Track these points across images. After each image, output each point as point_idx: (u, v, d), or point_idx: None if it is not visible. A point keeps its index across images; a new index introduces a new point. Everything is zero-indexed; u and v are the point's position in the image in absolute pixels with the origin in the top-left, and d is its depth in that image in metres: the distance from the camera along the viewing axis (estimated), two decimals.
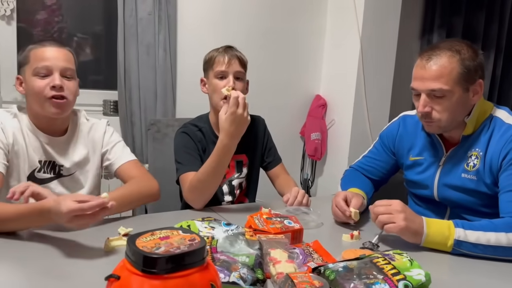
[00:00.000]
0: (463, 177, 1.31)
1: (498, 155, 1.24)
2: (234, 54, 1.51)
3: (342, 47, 2.82)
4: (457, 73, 1.22)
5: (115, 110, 2.38)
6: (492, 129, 1.28)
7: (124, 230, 1.12)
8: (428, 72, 1.23)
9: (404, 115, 1.53)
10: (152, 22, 2.31)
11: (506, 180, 1.22)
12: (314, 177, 3.04)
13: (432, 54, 1.24)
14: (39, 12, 2.34)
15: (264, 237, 1.05)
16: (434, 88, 1.23)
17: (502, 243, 1.11)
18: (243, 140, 1.59)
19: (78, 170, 1.41)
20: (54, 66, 1.27)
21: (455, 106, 1.24)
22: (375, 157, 1.56)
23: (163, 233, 0.69)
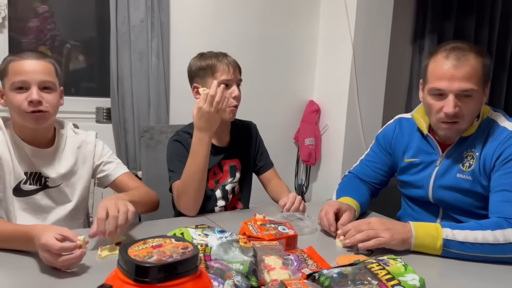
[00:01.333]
0: (459, 177, 1.32)
1: (492, 155, 1.26)
2: (234, 62, 1.51)
3: (335, 53, 2.84)
4: (482, 73, 1.25)
5: (108, 117, 2.37)
6: (488, 131, 1.30)
7: (117, 238, 1.12)
8: (459, 71, 1.23)
9: (399, 118, 1.54)
10: (145, 29, 2.31)
11: (497, 180, 1.24)
12: (309, 182, 3.04)
13: (459, 54, 1.24)
14: (31, 20, 2.34)
15: (258, 244, 1.04)
16: (466, 89, 1.23)
17: (488, 240, 1.13)
18: (236, 145, 1.60)
19: (65, 182, 1.38)
20: (31, 80, 1.23)
21: (477, 106, 1.28)
22: (373, 160, 1.56)
23: (155, 241, 0.68)
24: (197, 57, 1.55)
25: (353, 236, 1.17)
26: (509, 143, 1.24)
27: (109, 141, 2.31)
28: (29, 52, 1.28)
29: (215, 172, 1.57)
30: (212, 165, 1.55)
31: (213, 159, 1.55)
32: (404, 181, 1.48)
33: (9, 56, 1.29)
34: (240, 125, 1.66)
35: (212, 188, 1.56)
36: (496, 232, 1.13)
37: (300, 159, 2.97)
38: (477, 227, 1.16)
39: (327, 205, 1.34)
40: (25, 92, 1.24)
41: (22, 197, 1.31)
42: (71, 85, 2.49)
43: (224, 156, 1.58)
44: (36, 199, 1.33)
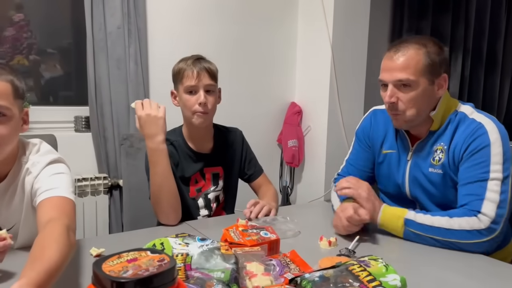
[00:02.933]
0: (430, 172, 1.34)
1: (460, 147, 1.28)
2: (203, 67, 1.46)
3: (314, 54, 2.85)
4: (423, 65, 1.27)
5: (87, 126, 2.34)
6: (457, 123, 1.31)
7: (96, 250, 1.10)
8: (396, 62, 1.28)
9: (374, 110, 1.56)
10: (122, 36, 2.28)
11: (465, 172, 1.26)
12: (293, 184, 3.04)
13: (400, 47, 1.30)
14: (6, 29, 2.29)
15: (240, 250, 1.03)
16: (401, 78, 1.27)
17: (443, 225, 1.21)
18: (219, 152, 1.58)
19: (18, 222, 1.14)
20: None
21: (420, 97, 1.28)
22: (357, 158, 1.57)
23: (130, 255, 0.67)
24: (177, 62, 1.53)
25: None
26: (478, 134, 1.25)
27: (89, 150, 2.29)
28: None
29: (196, 180, 1.55)
30: (193, 173, 1.53)
31: (194, 166, 1.53)
32: (382, 176, 1.49)
33: None
34: (224, 131, 1.64)
35: (194, 197, 1.54)
36: (454, 219, 1.21)
37: (284, 161, 2.97)
38: (441, 214, 1.25)
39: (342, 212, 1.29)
40: None
41: None
42: (48, 94, 2.44)
43: (206, 164, 1.55)
44: None
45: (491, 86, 3.78)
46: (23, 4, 2.32)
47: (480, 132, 1.25)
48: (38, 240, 0.90)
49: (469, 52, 3.56)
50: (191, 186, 1.54)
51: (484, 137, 1.24)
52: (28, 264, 0.82)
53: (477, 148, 1.24)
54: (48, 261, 0.82)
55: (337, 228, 1.32)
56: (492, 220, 1.18)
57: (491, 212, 1.19)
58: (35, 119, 1.36)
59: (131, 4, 2.28)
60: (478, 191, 1.22)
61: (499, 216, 1.18)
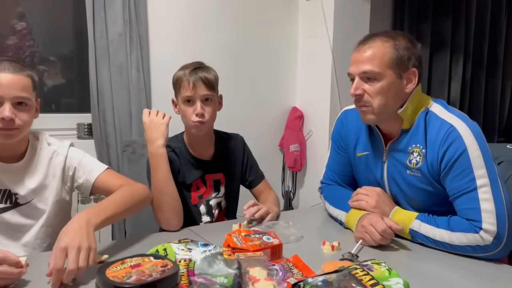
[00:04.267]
0: (409, 174, 1.30)
1: (436, 157, 1.23)
2: (199, 77, 1.44)
3: (315, 59, 2.86)
4: (390, 57, 1.25)
5: (89, 133, 2.35)
6: (427, 123, 1.27)
7: (99, 257, 1.10)
8: (362, 55, 1.27)
9: (345, 110, 1.52)
10: (124, 43, 2.29)
11: (451, 184, 1.22)
12: (295, 189, 3.04)
13: (368, 40, 1.29)
14: (9, 37, 2.31)
15: (243, 256, 1.04)
16: (365, 70, 1.25)
17: (445, 240, 1.21)
18: (220, 159, 1.59)
19: (36, 197, 1.32)
20: (5, 96, 1.19)
21: (386, 90, 1.25)
22: (335, 162, 1.54)
23: (134, 261, 0.68)
24: (177, 70, 1.53)
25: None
26: (451, 140, 1.20)
27: None
28: (6, 62, 1.22)
29: (198, 187, 1.55)
30: (194, 179, 1.53)
31: (195, 172, 1.53)
32: (361, 179, 1.47)
33: None
34: (226, 138, 1.64)
35: (196, 204, 1.54)
36: (455, 234, 1.19)
37: (286, 166, 2.97)
38: (444, 225, 1.22)
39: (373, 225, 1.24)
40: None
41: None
42: (51, 102, 2.46)
43: (207, 170, 1.56)
44: (5, 218, 1.28)
45: (492, 89, 3.78)
46: (26, 13, 2.34)
47: (453, 137, 1.20)
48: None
49: (470, 55, 3.56)
50: (192, 193, 1.54)
51: (458, 142, 1.19)
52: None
53: (454, 157, 1.19)
54: (119, 196, 1.24)
55: (364, 240, 1.25)
56: (494, 235, 1.14)
57: (492, 227, 1.14)
58: (38, 127, 1.37)
59: (132, 11, 2.30)
60: (471, 203, 1.17)
61: (501, 227, 1.14)
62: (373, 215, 1.27)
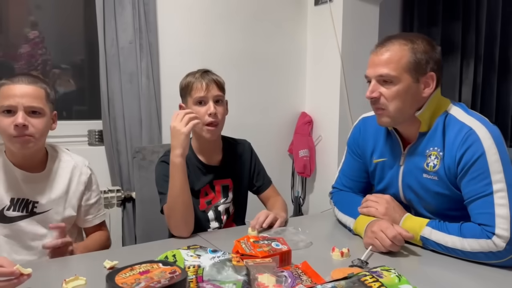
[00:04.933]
0: (425, 177, 1.29)
1: (454, 160, 1.22)
2: (211, 79, 1.49)
3: (324, 64, 2.86)
4: (407, 61, 1.23)
5: (100, 139, 2.37)
6: (446, 127, 1.25)
7: (109, 263, 1.10)
8: (379, 58, 1.26)
9: (363, 118, 1.53)
10: (134, 51, 2.32)
11: (466, 187, 1.20)
12: (305, 194, 3.03)
13: (386, 42, 1.27)
14: (22, 46, 2.35)
15: (252, 262, 1.04)
16: (382, 73, 1.25)
17: (457, 246, 1.18)
18: (228, 165, 1.59)
19: (54, 208, 1.38)
20: (18, 105, 1.25)
21: (403, 94, 1.24)
22: (349, 169, 1.54)
23: (142, 267, 0.68)
24: (184, 77, 1.56)
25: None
26: (469, 142, 1.18)
27: (102, 164, 2.32)
28: (22, 76, 1.30)
29: (206, 193, 1.55)
30: (203, 185, 1.54)
31: (203, 178, 1.54)
32: (376, 184, 1.46)
33: (3, 80, 1.30)
34: (233, 143, 1.65)
35: (204, 210, 1.55)
36: (467, 240, 1.17)
37: (295, 171, 2.97)
38: (455, 231, 1.20)
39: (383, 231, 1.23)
40: (12, 116, 1.25)
41: (5, 223, 1.31)
42: (62, 109, 2.49)
43: (215, 176, 1.56)
44: (20, 226, 1.32)
45: (504, 93, 3.72)
46: (38, 21, 2.39)
47: (471, 140, 1.18)
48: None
49: (481, 59, 3.52)
50: (201, 199, 1.54)
51: (476, 145, 1.17)
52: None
53: (472, 160, 1.17)
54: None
55: (374, 246, 1.24)
56: (508, 241, 1.11)
57: (505, 232, 1.12)
58: (50, 134, 1.41)
59: (142, 19, 2.32)
60: (486, 208, 1.15)
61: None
62: (383, 221, 1.26)
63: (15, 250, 1.32)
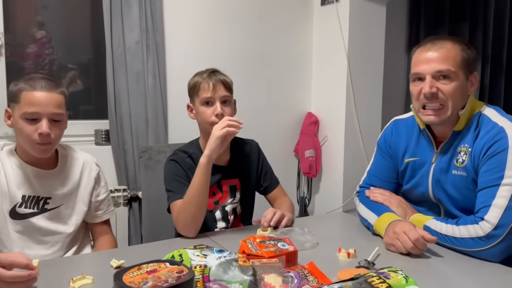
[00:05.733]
0: (454, 174, 1.32)
1: (480, 151, 1.25)
2: (218, 79, 1.49)
3: (330, 64, 2.86)
4: (461, 58, 1.27)
5: (107, 139, 2.38)
6: (480, 126, 1.29)
7: (116, 262, 1.11)
8: (435, 54, 1.28)
9: (395, 120, 1.55)
10: (140, 51, 2.33)
11: (481, 177, 1.24)
12: (311, 194, 3.03)
13: (435, 40, 1.30)
14: (29, 46, 2.37)
15: (258, 262, 1.03)
16: (441, 69, 1.26)
17: (449, 233, 1.23)
18: (235, 165, 1.59)
19: (65, 203, 1.41)
20: (43, 113, 1.27)
21: (458, 91, 1.28)
22: (379, 169, 1.55)
23: (150, 266, 0.68)
24: (192, 76, 1.56)
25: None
26: (497, 138, 1.22)
27: (108, 163, 2.32)
28: (41, 81, 1.29)
29: (214, 193, 1.56)
30: (211, 185, 1.54)
31: (211, 178, 1.54)
32: (405, 183, 1.48)
33: (21, 81, 1.30)
34: (241, 143, 1.65)
35: (211, 209, 1.55)
36: (459, 227, 1.21)
37: (301, 172, 2.96)
38: (453, 221, 1.24)
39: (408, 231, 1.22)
40: (35, 123, 1.27)
41: (18, 219, 1.34)
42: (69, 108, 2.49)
43: (223, 176, 1.56)
44: (32, 222, 1.34)
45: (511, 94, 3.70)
46: (45, 21, 2.40)
47: (500, 136, 1.22)
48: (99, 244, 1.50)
49: (488, 60, 3.50)
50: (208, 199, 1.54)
51: (503, 141, 1.21)
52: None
53: (494, 152, 1.21)
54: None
55: (395, 247, 1.24)
56: (493, 227, 1.15)
57: (494, 219, 1.15)
58: None
59: (149, 19, 2.33)
60: (488, 197, 1.19)
61: (503, 223, 1.14)
62: (406, 223, 1.27)
63: (27, 245, 1.35)
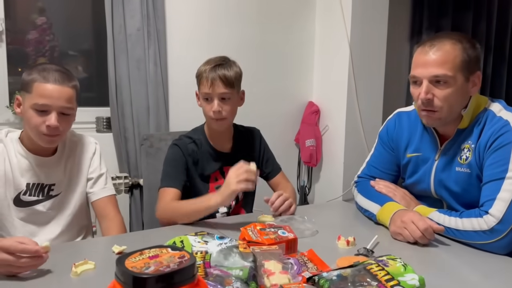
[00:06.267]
0: (457, 171, 1.32)
1: (485, 145, 1.24)
2: (217, 76, 1.45)
3: (332, 53, 2.84)
4: (460, 60, 1.23)
5: (108, 126, 2.38)
6: (484, 122, 1.27)
7: (118, 248, 1.12)
8: (432, 58, 1.24)
9: (398, 112, 1.53)
10: (142, 37, 2.32)
11: (485, 171, 1.24)
12: (311, 183, 3.04)
13: (434, 41, 1.26)
14: (30, 32, 2.36)
15: (258, 249, 1.05)
16: (437, 74, 1.23)
17: (452, 225, 1.23)
18: (238, 152, 1.61)
19: (69, 187, 1.42)
20: (53, 106, 1.27)
21: (455, 95, 1.25)
22: (379, 161, 1.55)
23: (152, 252, 0.69)
24: (202, 63, 1.54)
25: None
26: (502, 132, 1.21)
27: (110, 150, 2.33)
28: (56, 73, 1.29)
29: (216, 178, 1.57)
30: (213, 171, 1.56)
31: (214, 164, 1.56)
32: (407, 178, 1.48)
33: (35, 72, 1.29)
34: (243, 131, 1.67)
35: None
36: (462, 220, 1.21)
37: (302, 161, 2.97)
38: (456, 214, 1.25)
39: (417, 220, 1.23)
40: (45, 114, 1.27)
41: (22, 207, 1.35)
42: None
43: (225, 162, 1.58)
44: (36, 210, 1.36)
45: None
46: (46, 7, 2.39)
47: (504, 130, 1.21)
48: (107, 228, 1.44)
49: (491, 50, 3.49)
50: (210, 183, 1.56)
51: (507, 135, 1.20)
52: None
53: (499, 146, 1.21)
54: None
55: (402, 236, 1.25)
56: (498, 221, 1.15)
57: (499, 213, 1.15)
58: None
59: (150, 6, 2.32)
60: (493, 190, 1.19)
61: (507, 217, 1.14)
62: (414, 213, 1.27)
63: (30, 232, 1.36)
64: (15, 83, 2.24)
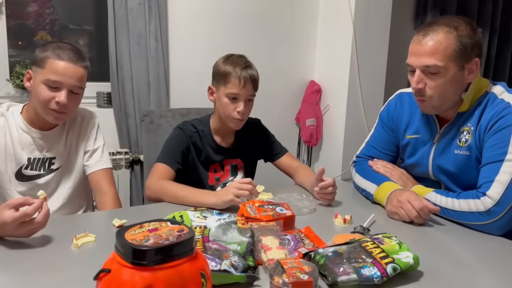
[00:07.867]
0: (456, 153, 1.32)
1: (486, 127, 1.24)
2: (248, 77, 1.47)
3: (335, 31, 2.81)
4: (453, 50, 1.22)
5: (108, 102, 2.38)
6: (486, 104, 1.27)
7: (118, 221, 1.14)
8: (424, 47, 1.23)
9: (400, 93, 1.53)
10: (143, 12, 2.29)
11: (485, 152, 1.24)
12: (310, 163, 3.05)
13: (429, 30, 1.24)
14: (30, 4, 2.33)
15: (256, 225, 1.07)
16: (428, 64, 1.23)
17: (448, 206, 1.25)
18: (239, 146, 1.62)
19: (68, 160, 1.44)
20: (65, 83, 1.29)
21: (448, 84, 1.24)
22: (378, 141, 1.55)
23: (151, 225, 0.70)
24: (222, 60, 1.52)
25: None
26: (503, 114, 1.21)
27: (110, 126, 2.34)
28: (70, 52, 1.30)
29: (215, 170, 1.59)
30: (213, 163, 1.57)
31: (215, 157, 1.57)
32: (406, 159, 1.49)
33: (50, 49, 1.29)
34: (245, 125, 1.63)
35: (213, 185, 1.58)
36: (459, 200, 1.23)
37: (302, 140, 2.98)
38: (453, 195, 1.26)
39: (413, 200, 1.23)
40: (55, 91, 1.29)
41: (24, 181, 1.37)
42: None
43: (226, 157, 1.60)
44: (37, 183, 1.38)
45: None
46: None
47: (505, 112, 1.21)
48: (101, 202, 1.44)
49: (496, 31, 3.45)
50: (210, 173, 1.58)
51: (508, 117, 1.20)
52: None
53: (500, 128, 1.21)
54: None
55: (398, 215, 1.26)
56: (495, 203, 1.16)
57: (496, 195, 1.16)
58: None
59: None
60: (491, 172, 1.19)
61: (505, 199, 1.15)
62: (411, 192, 1.28)
63: None
64: (15, 56, 2.23)
